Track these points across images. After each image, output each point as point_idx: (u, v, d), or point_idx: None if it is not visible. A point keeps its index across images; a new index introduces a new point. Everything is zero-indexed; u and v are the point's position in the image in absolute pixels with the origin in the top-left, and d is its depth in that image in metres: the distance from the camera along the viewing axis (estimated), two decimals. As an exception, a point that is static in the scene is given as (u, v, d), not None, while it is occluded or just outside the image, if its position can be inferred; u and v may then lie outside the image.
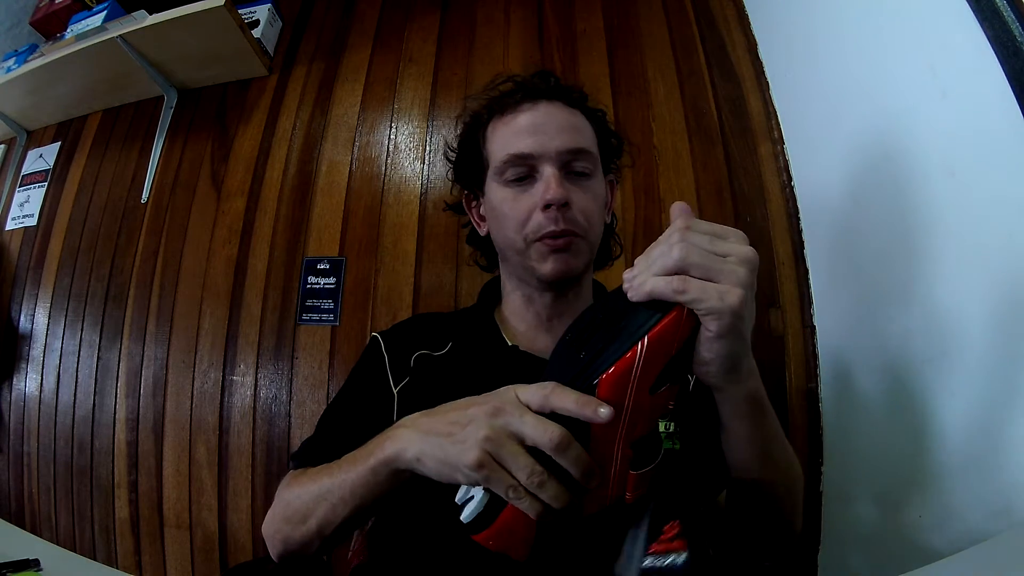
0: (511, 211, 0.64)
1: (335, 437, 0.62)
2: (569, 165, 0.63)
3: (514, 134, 0.64)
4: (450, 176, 0.79)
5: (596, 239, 0.66)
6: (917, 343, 0.72)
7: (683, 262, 0.37)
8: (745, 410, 0.46)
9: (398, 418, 0.50)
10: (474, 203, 0.74)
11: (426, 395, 0.52)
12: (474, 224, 0.75)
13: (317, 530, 0.51)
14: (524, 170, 0.64)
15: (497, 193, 0.66)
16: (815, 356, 1.00)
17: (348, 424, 0.63)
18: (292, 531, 0.52)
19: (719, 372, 0.41)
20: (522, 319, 0.70)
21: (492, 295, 0.75)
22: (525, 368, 0.64)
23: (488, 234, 0.72)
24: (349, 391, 0.69)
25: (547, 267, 0.63)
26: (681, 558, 0.37)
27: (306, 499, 0.52)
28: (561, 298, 0.68)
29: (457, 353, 0.68)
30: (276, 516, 0.55)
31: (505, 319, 0.72)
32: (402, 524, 0.58)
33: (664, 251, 0.38)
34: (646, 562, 0.39)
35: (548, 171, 0.62)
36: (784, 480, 0.53)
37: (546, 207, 0.61)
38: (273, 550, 0.55)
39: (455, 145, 0.77)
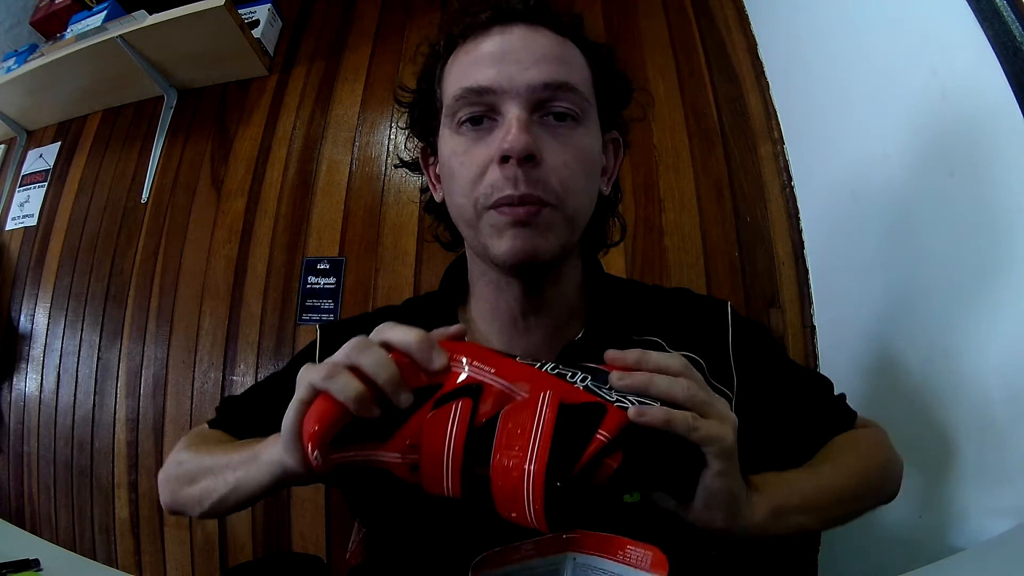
0: (460, 166, 0.48)
1: (253, 413, 0.59)
2: (545, 106, 0.47)
3: (473, 63, 0.48)
4: (403, 125, 0.61)
5: (577, 211, 0.48)
6: (917, 343, 0.72)
7: (691, 400, 0.36)
8: (782, 528, 0.42)
9: None
10: (432, 159, 0.57)
11: None
12: (430, 187, 0.59)
13: (198, 498, 0.48)
14: (481, 109, 0.47)
15: (447, 143, 0.50)
16: (815, 356, 1.00)
17: (267, 408, 0.59)
18: (179, 488, 0.51)
19: (723, 507, 0.38)
20: (493, 317, 0.55)
21: (458, 283, 0.60)
22: None
23: (444, 201, 0.55)
24: (281, 377, 0.63)
25: (503, 245, 0.46)
26: None
27: (197, 465, 0.50)
28: (533, 291, 0.51)
29: None
30: (169, 468, 0.53)
31: (471, 320, 0.57)
32: (400, 525, 0.58)
33: (672, 384, 0.36)
34: None
35: (512, 112, 0.45)
36: (882, 492, 0.54)
37: (503, 159, 0.45)
38: (162, 498, 0.54)
39: (409, 85, 0.59)
